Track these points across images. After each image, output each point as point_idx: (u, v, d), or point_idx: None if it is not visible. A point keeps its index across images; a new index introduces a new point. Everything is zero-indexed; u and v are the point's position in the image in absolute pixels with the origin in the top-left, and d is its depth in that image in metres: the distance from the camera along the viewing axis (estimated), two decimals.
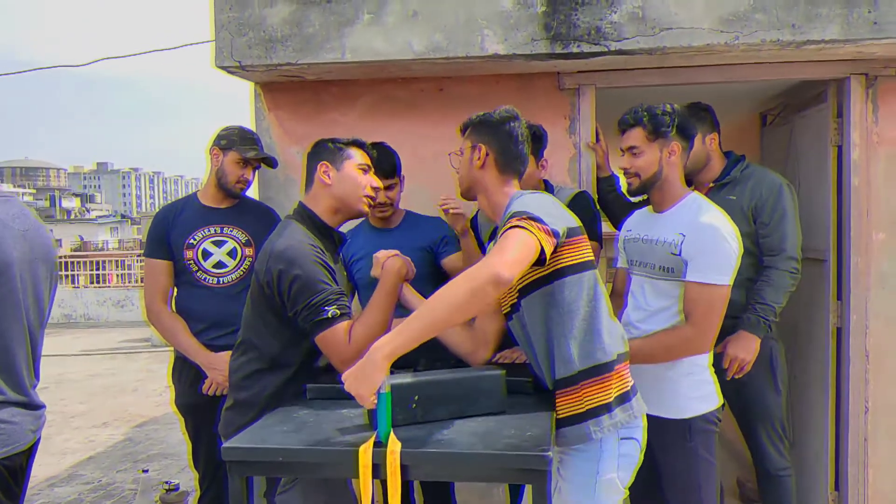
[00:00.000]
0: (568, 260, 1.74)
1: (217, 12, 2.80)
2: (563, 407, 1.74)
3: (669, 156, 2.14)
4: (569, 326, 1.73)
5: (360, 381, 1.50)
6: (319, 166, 2.03)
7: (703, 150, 2.72)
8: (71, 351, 10.32)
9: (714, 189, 2.74)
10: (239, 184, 2.69)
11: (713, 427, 2.14)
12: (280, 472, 1.72)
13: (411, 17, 2.71)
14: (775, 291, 2.62)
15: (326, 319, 1.84)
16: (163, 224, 2.69)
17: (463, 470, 1.52)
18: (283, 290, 1.86)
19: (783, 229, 2.65)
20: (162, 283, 2.69)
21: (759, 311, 2.60)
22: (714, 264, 2.03)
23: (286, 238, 1.91)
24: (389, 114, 3.08)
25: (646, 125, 2.13)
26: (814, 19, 2.56)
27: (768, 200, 2.66)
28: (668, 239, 2.11)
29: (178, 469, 4.66)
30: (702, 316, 2.05)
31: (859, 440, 2.95)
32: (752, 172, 2.74)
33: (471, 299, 1.51)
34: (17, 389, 1.77)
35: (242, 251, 2.68)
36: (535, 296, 1.76)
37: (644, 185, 2.18)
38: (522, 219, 1.64)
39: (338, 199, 2.02)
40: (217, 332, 2.62)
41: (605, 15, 2.63)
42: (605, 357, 1.75)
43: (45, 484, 4.49)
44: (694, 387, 2.12)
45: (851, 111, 2.88)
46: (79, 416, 6.37)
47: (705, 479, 2.10)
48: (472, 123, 1.92)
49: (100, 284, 15.96)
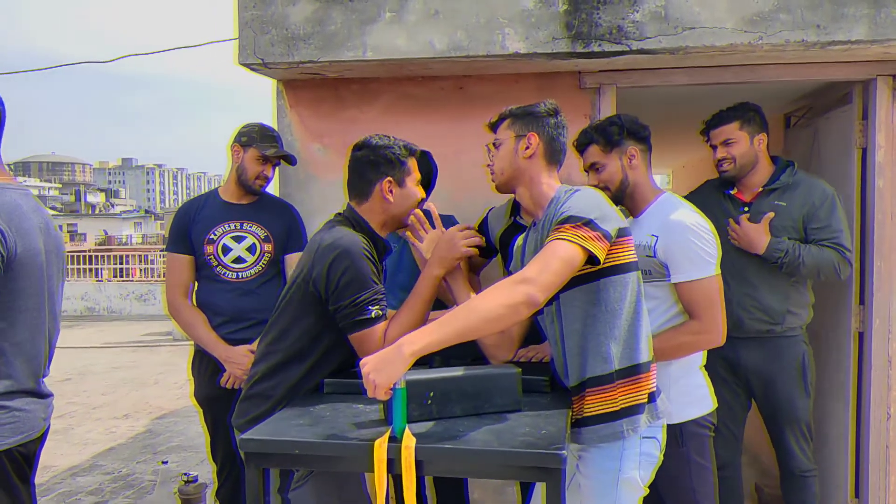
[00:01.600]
0: (615, 259, 1.74)
1: (241, 10, 2.83)
2: (595, 405, 1.75)
3: (630, 160, 2.21)
4: (611, 326, 1.74)
5: (380, 369, 1.50)
6: (385, 183, 2.01)
7: (751, 152, 2.67)
8: (94, 344, 10.49)
9: (762, 194, 2.69)
10: (258, 180, 2.73)
11: (706, 431, 2.15)
12: (296, 465, 1.75)
13: (433, 15, 2.72)
14: (810, 250, 2.57)
15: (368, 319, 1.86)
16: (184, 219, 2.73)
17: (477, 467, 1.53)
18: (331, 281, 1.86)
19: (837, 227, 2.61)
20: (183, 278, 2.73)
21: (784, 244, 2.58)
22: (691, 260, 2.06)
23: (337, 232, 1.92)
24: (409, 112, 3.09)
25: (598, 140, 2.22)
26: (839, 19, 2.52)
27: (821, 209, 2.61)
28: (641, 242, 2.13)
29: (197, 461, 4.72)
30: (704, 309, 2.07)
31: (881, 447, 2.91)
32: (801, 179, 2.68)
33: (505, 314, 1.56)
34: (33, 379, 1.81)
35: (261, 247, 2.71)
36: (576, 291, 1.76)
37: (615, 195, 2.23)
38: (574, 227, 1.65)
39: (394, 216, 2.04)
40: (235, 325, 2.66)
41: (627, 14, 2.62)
42: (643, 358, 1.78)
43: (67, 473, 4.57)
44: (684, 392, 2.12)
45: (877, 113, 2.84)
46: (100, 407, 6.47)
47: (699, 483, 2.12)
48: (516, 114, 1.90)
49: (123, 278, 16.19)
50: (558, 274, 1.61)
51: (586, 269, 1.71)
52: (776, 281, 2.65)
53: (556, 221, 1.69)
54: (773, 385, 2.69)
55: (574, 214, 1.67)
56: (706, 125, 2.74)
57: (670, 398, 2.08)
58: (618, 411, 1.74)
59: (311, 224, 2.96)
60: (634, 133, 2.21)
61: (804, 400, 2.71)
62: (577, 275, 1.70)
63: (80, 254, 17.17)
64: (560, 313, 1.81)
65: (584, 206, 1.69)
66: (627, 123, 2.21)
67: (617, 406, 1.74)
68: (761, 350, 2.71)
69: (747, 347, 2.71)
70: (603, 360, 1.74)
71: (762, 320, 2.68)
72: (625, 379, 1.75)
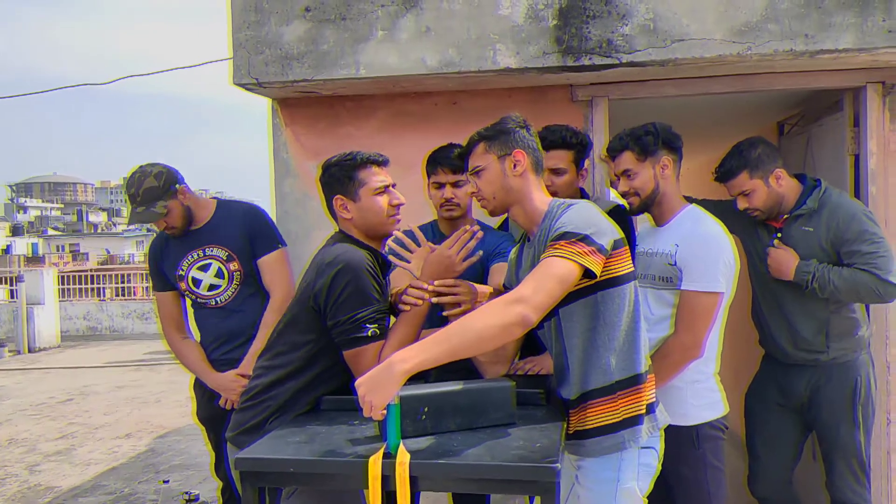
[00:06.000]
0: (611, 272, 1.75)
1: (235, 31, 2.87)
2: (597, 416, 1.76)
3: (662, 170, 2.21)
4: (610, 338, 1.75)
5: (374, 390, 1.51)
6: (335, 201, 2.01)
7: (772, 193, 2.50)
8: (96, 363, 10.48)
9: (790, 220, 2.52)
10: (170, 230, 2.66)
11: (721, 434, 2.17)
12: (292, 483, 1.75)
13: (424, 32, 2.75)
14: (841, 273, 2.37)
15: (364, 338, 1.85)
16: (154, 258, 2.76)
17: (471, 482, 1.53)
18: (331, 296, 1.84)
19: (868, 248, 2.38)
20: (172, 313, 2.79)
21: (811, 266, 2.42)
22: (705, 272, 2.06)
23: (339, 248, 1.92)
24: (404, 128, 3.11)
25: (633, 148, 2.20)
26: (827, 28, 2.55)
27: (848, 231, 2.41)
28: (664, 250, 2.16)
29: (199, 480, 4.70)
30: (689, 322, 2.08)
31: (882, 453, 2.90)
32: (826, 200, 2.48)
33: (498, 334, 1.57)
34: None
35: (227, 267, 2.67)
36: (575, 305, 1.76)
37: (644, 203, 2.24)
38: (570, 244, 1.65)
39: (365, 227, 2.02)
40: (228, 346, 2.69)
41: (617, 27, 2.65)
42: (642, 368, 1.79)
43: (69, 494, 4.56)
44: (699, 394, 2.15)
45: (868, 120, 2.85)
46: (102, 427, 6.46)
47: (714, 486, 2.12)
48: (488, 136, 1.86)
49: (125, 297, 16.21)
50: (552, 293, 1.61)
51: (584, 283, 1.71)
52: (814, 308, 2.51)
53: (551, 238, 1.70)
54: (821, 413, 2.56)
55: (569, 230, 1.67)
56: (716, 177, 2.59)
57: (686, 401, 2.11)
58: (619, 422, 1.75)
59: (308, 241, 2.98)
60: (669, 143, 2.22)
61: (853, 430, 2.53)
62: (575, 289, 1.70)
63: (82, 273, 17.19)
64: (560, 327, 1.81)
65: (579, 222, 1.69)
66: (663, 133, 2.21)
67: (619, 417, 1.75)
68: (810, 377, 2.57)
69: (798, 374, 2.59)
70: (603, 373, 1.75)
71: (803, 349, 2.56)
72: (626, 389, 1.76)
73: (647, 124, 2.23)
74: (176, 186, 2.62)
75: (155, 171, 2.61)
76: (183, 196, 2.63)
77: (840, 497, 2.59)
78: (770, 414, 2.69)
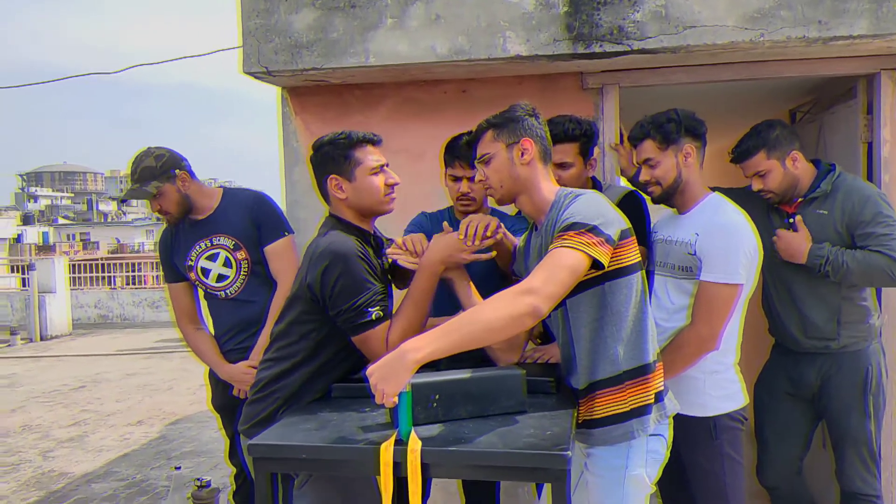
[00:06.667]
0: (619, 262, 1.74)
1: (244, 19, 2.86)
2: (606, 406, 1.77)
3: (685, 158, 2.17)
4: (618, 328, 1.75)
5: (386, 378, 1.51)
6: (329, 181, 1.98)
7: (788, 175, 2.51)
8: (107, 351, 10.57)
9: (803, 203, 2.52)
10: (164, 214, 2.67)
11: (739, 425, 2.15)
12: (304, 469, 1.76)
13: (434, 20, 2.74)
14: (855, 255, 2.35)
15: (369, 322, 1.86)
16: (164, 249, 2.76)
17: (482, 469, 1.54)
18: (326, 288, 1.85)
19: (883, 230, 2.36)
20: (184, 304, 2.79)
21: (824, 250, 2.39)
22: (725, 263, 2.03)
23: (329, 237, 1.91)
24: (413, 116, 3.10)
25: (655, 136, 2.17)
26: (841, 14, 2.52)
27: (862, 213, 2.40)
28: (685, 239, 2.14)
29: (210, 466, 4.76)
30: (707, 314, 2.05)
31: (892, 442, 2.89)
32: (840, 183, 2.48)
33: (508, 324, 1.56)
34: None
35: (234, 257, 2.66)
36: (583, 296, 1.76)
37: (667, 192, 2.21)
38: (578, 234, 1.64)
39: (359, 207, 2.00)
40: (241, 336, 2.70)
41: (628, 14, 2.63)
42: (650, 357, 1.79)
43: (83, 480, 4.62)
44: (718, 385, 2.13)
45: (882, 107, 2.83)
46: (114, 414, 6.53)
47: (731, 477, 2.11)
48: (497, 124, 1.86)
49: (136, 286, 16.32)
50: (563, 284, 1.61)
51: (591, 274, 1.71)
52: (825, 294, 2.50)
53: (559, 228, 1.69)
54: (831, 402, 2.55)
55: (577, 221, 1.67)
56: (732, 157, 2.58)
57: (705, 392, 2.10)
58: (628, 412, 1.75)
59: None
60: (692, 130, 2.17)
61: (863, 419, 2.52)
62: (583, 280, 1.70)
63: (93, 262, 17.31)
64: (567, 318, 1.81)
65: (587, 212, 1.69)
66: (685, 120, 2.16)
67: (627, 406, 1.75)
68: (821, 366, 2.56)
69: (808, 363, 2.58)
70: (611, 363, 1.76)
71: (813, 337, 2.54)
72: (634, 379, 1.76)
73: (669, 111, 2.19)
74: (176, 171, 2.61)
75: (157, 153, 2.62)
76: (182, 183, 2.62)
77: (850, 486, 2.57)
78: (780, 403, 2.68)
